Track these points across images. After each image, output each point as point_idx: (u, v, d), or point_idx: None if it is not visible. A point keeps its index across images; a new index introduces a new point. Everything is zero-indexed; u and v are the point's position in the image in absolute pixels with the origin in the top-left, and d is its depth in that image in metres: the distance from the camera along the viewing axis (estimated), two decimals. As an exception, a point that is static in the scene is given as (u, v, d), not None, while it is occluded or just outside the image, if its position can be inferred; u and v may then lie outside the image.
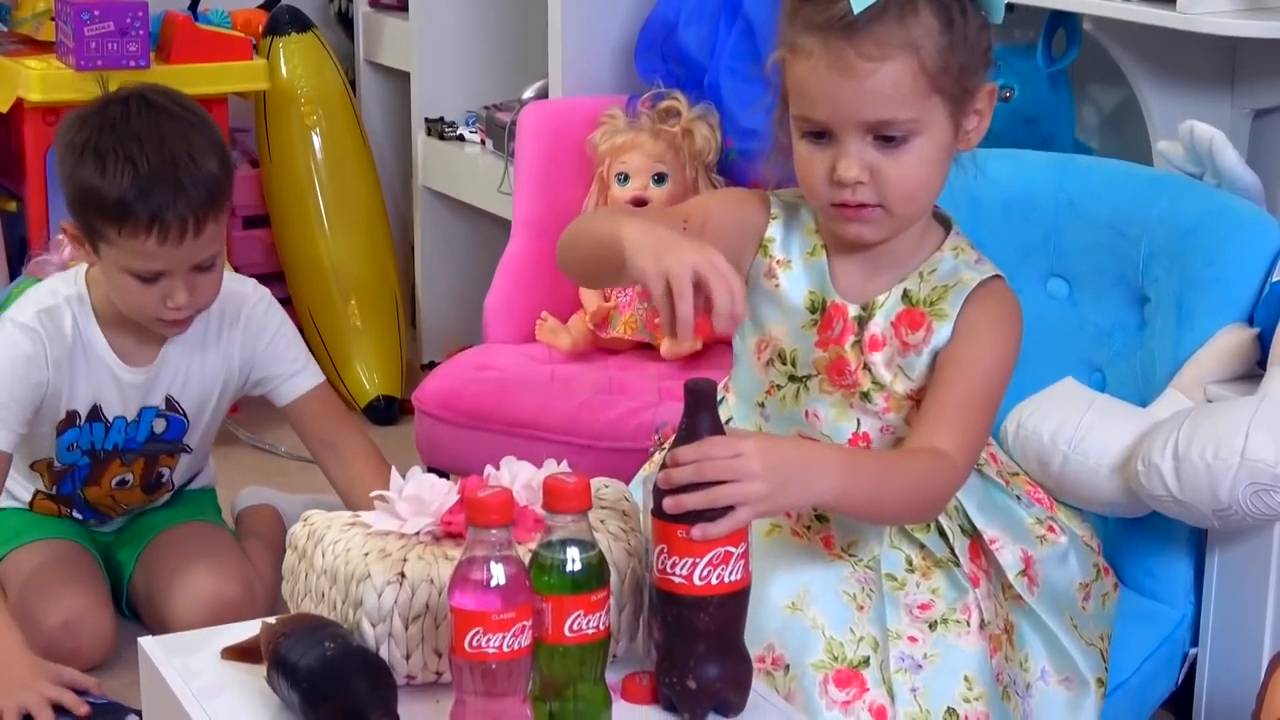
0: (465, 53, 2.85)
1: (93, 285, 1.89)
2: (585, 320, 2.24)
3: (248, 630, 1.31)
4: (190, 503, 2.08)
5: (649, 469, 1.52)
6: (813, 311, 1.42)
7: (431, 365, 2.71)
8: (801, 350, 1.42)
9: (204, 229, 1.79)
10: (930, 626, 1.37)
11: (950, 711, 1.34)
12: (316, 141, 2.86)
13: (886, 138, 1.33)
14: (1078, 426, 1.51)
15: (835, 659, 1.34)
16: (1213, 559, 1.55)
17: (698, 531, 1.19)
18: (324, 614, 1.26)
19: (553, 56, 2.43)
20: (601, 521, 1.28)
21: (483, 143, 2.73)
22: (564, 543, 1.16)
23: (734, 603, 1.21)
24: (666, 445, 1.24)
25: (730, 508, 1.19)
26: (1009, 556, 1.42)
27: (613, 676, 1.22)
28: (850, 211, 1.35)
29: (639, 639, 1.28)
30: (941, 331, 1.38)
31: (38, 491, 1.98)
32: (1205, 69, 1.86)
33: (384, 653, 1.22)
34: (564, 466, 1.28)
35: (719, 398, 1.45)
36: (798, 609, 1.36)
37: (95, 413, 1.90)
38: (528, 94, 2.58)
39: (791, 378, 1.42)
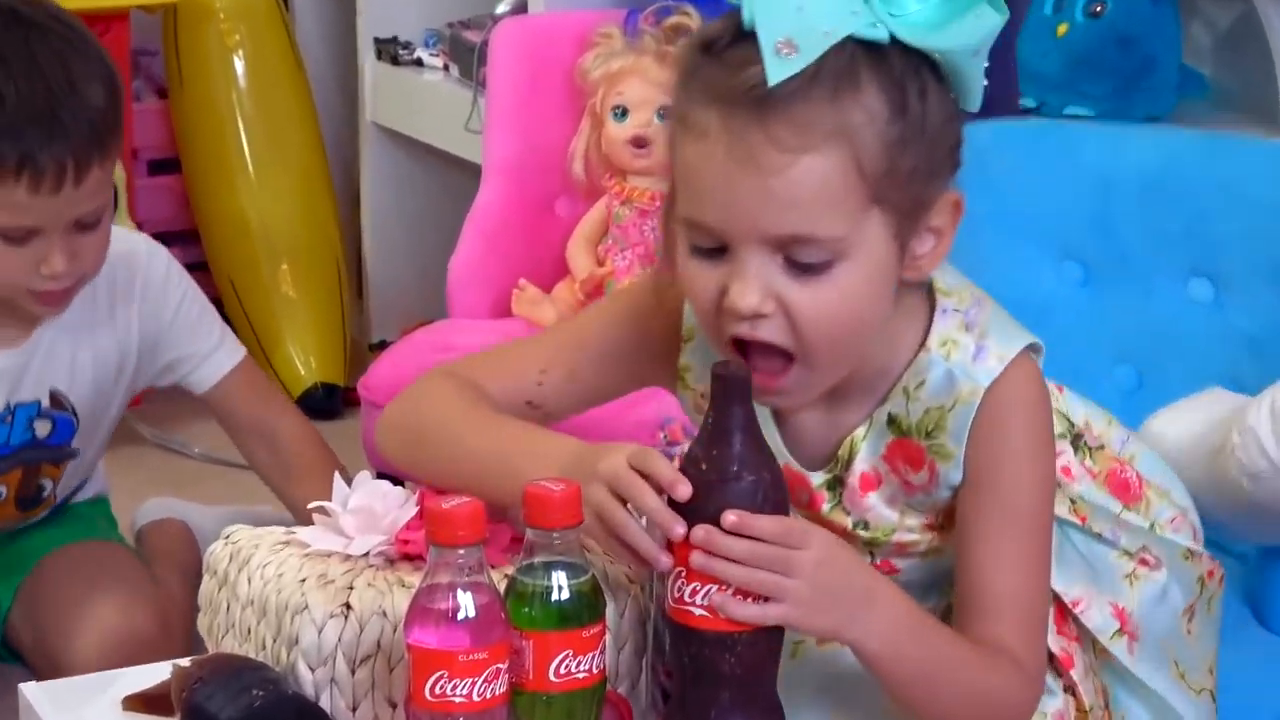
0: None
1: None
2: (574, 289, 2.25)
3: (155, 674, 1.30)
4: (78, 518, 2.07)
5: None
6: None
7: (383, 345, 2.71)
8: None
9: (86, 176, 1.77)
10: None
11: None
12: (239, 66, 2.87)
13: (802, 262, 1.21)
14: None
15: None
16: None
17: (717, 602, 1.17)
18: (250, 654, 1.26)
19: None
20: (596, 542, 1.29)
21: (446, 68, 2.74)
22: (549, 565, 1.16)
23: (767, 640, 1.21)
24: (677, 448, 1.24)
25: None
26: (1098, 618, 1.40)
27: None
28: (753, 357, 1.25)
29: (642, 684, 1.29)
30: (949, 474, 1.31)
31: None
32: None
33: (325, 702, 1.22)
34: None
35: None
36: None
37: None
38: (501, 8, 2.59)
39: None
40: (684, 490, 1.18)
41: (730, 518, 1.17)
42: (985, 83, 1.25)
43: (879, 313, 1.26)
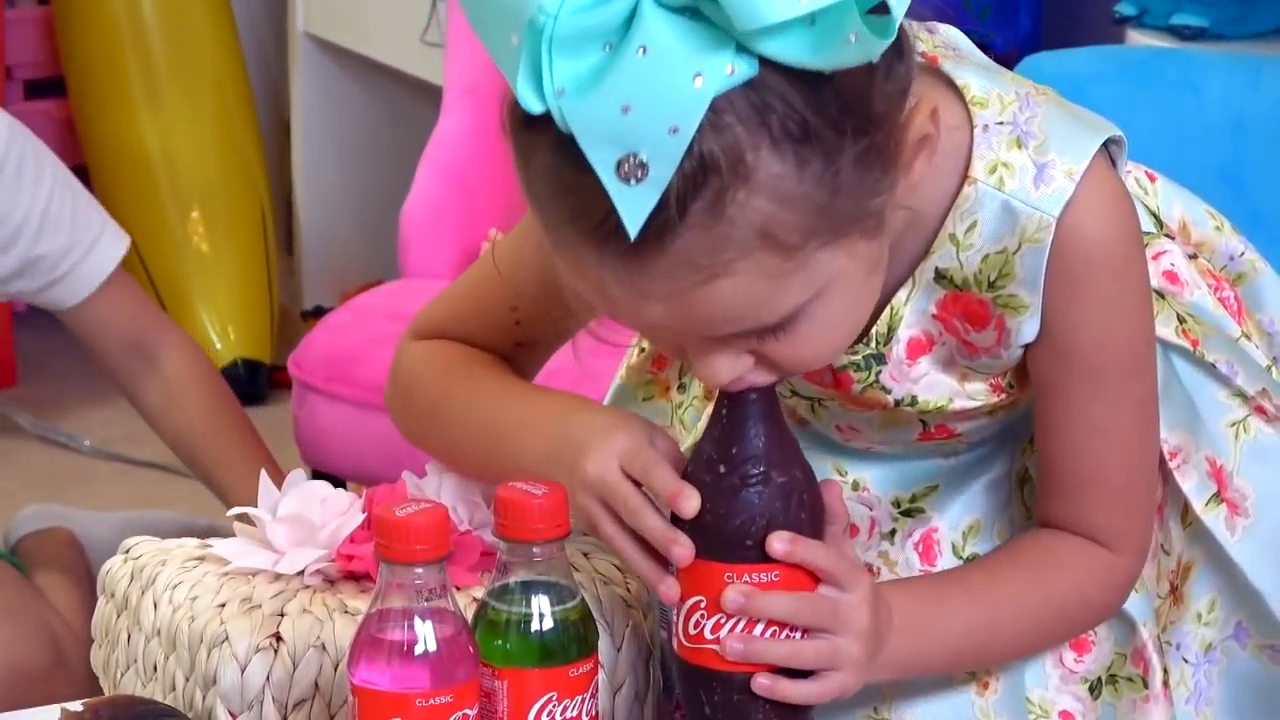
0: None
1: None
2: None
3: (42, 718, 1.32)
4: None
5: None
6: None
7: (319, 313, 2.72)
8: (794, 380, 1.37)
9: None
10: (1091, 691, 1.40)
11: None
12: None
13: (765, 330, 1.21)
14: None
15: None
16: None
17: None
18: (157, 696, 1.28)
19: None
20: (585, 555, 1.30)
21: (397, -33, 2.75)
22: (528, 587, 1.18)
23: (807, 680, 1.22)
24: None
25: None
26: (1194, 477, 1.41)
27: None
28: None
29: (643, 733, 1.32)
30: (1022, 331, 1.31)
31: None
32: None
33: (250, 755, 1.25)
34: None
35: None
36: (882, 718, 1.38)
37: None
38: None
39: (794, 392, 1.38)
40: (690, 505, 1.18)
41: (778, 546, 1.18)
42: None
43: (874, 288, 1.25)
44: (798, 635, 1.20)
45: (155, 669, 1.30)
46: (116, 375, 2.08)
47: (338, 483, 1.38)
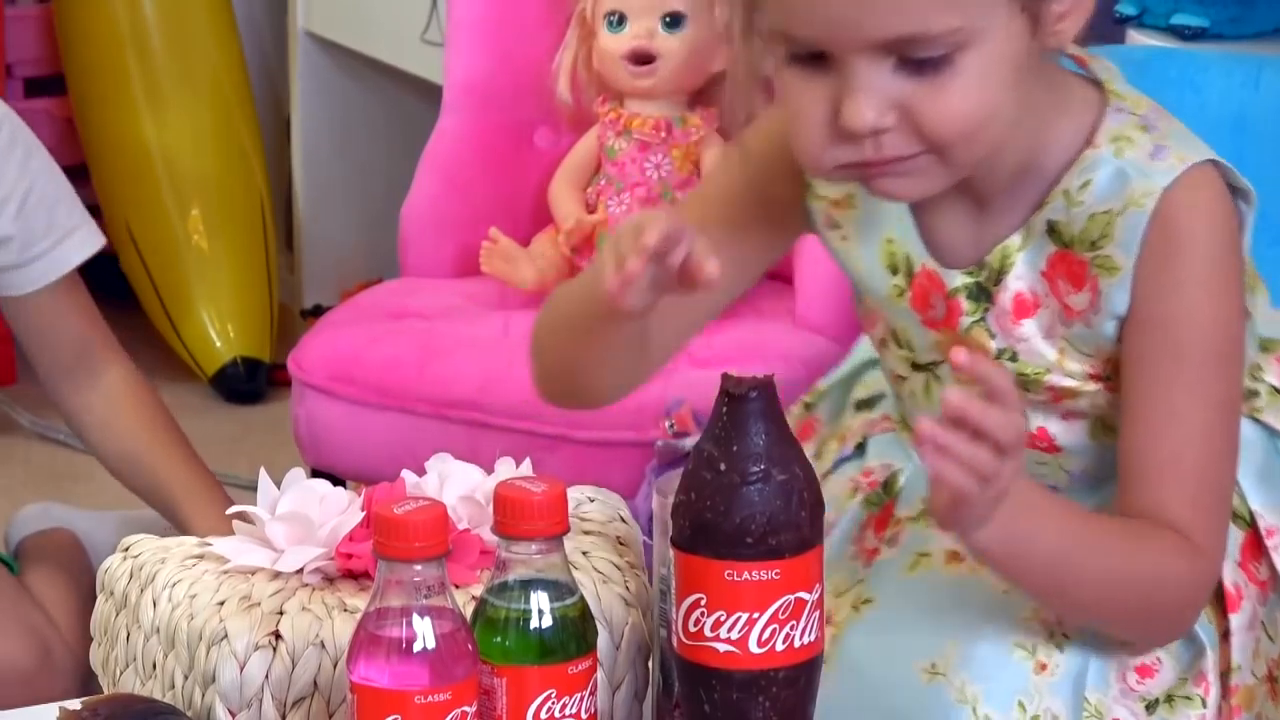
0: None
1: None
2: (559, 242, 2.26)
3: (37, 718, 1.32)
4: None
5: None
6: (893, 271, 1.42)
7: (318, 311, 2.72)
8: (910, 329, 1.42)
9: None
10: (1148, 708, 1.39)
11: None
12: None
13: (918, 59, 1.28)
14: None
15: None
16: None
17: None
18: (156, 694, 1.27)
19: None
20: (584, 553, 1.30)
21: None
22: (527, 585, 1.18)
23: (806, 677, 1.23)
24: (688, 439, 1.25)
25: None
26: None
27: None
28: (874, 169, 1.32)
29: (642, 726, 1.31)
30: (1114, 296, 1.36)
31: None
32: None
33: (250, 753, 1.24)
34: (525, 468, 1.30)
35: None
36: (939, 674, 1.38)
37: None
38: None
39: (915, 365, 1.42)
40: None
41: (953, 402, 1.17)
42: None
43: (1016, 96, 1.31)
44: None
45: (154, 667, 1.29)
46: (50, 374, 2.09)
47: (337, 481, 1.39)
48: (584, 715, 1.19)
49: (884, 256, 1.42)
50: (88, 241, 2.07)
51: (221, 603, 1.26)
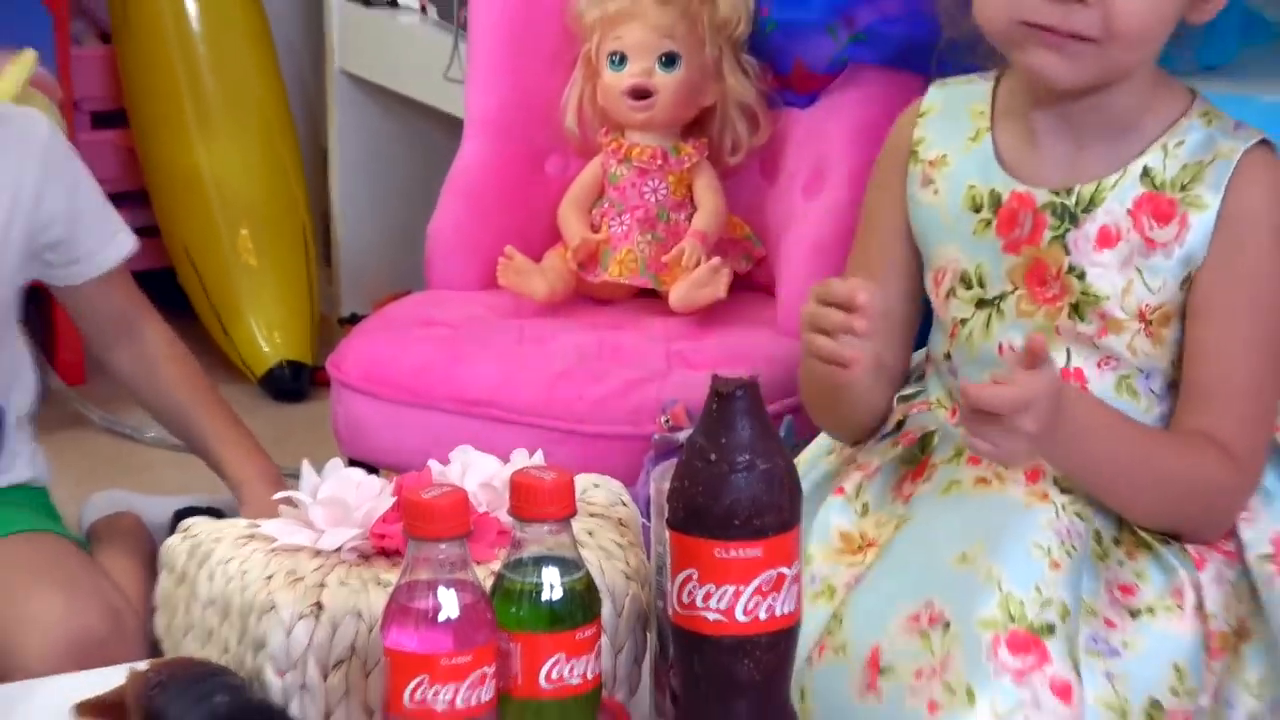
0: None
1: None
2: (567, 258, 2.25)
3: (108, 679, 1.32)
4: (10, 505, 2.08)
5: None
6: (976, 210, 1.48)
7: (354, 320, 2.72)
8: (987, 262, 1.47)
9: None
10: (1133, 614, 1.42)
11: (1154, 704, 1.39)
12: (191, 8, 2.88)
13: None
14: None
15: (1013, 619, 1.38)
16: None
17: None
18: (212, 658, 1.28)
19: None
20: (590, 533, 1.31)
21: (423, 9, 2.75)
22: (539, 561, 1.18)
23: (786, 643, 1.23)
24: (681, 433, 1.26)
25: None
26: (1253, 532, 1.46)
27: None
28: (1052, 37, 1.40)
29: (642, 691, 1.31)
30: (1199, 227, 1.43)
31: None
32: None
33: (295, 710, 1.24)
34: (538, 458, 1.30)
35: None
36: (969, 561, 1.40)
37: None
38: (486, -57, 2.59)
39: (980, 303, 1.47)
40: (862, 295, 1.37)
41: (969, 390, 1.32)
42: None
43: (1165, 33, 1.43)
44: None
45: (210, 634, 1.30)
46: (99, 341, 2.11)
47: (371, 470, 1.39)
48: (589, 676, 1.20)
49: (967, 201, 1.48)
50: (127, 242, 2.07)
51: (270, 577, 1.26)
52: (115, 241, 2.06)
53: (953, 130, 1.51)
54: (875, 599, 1.42)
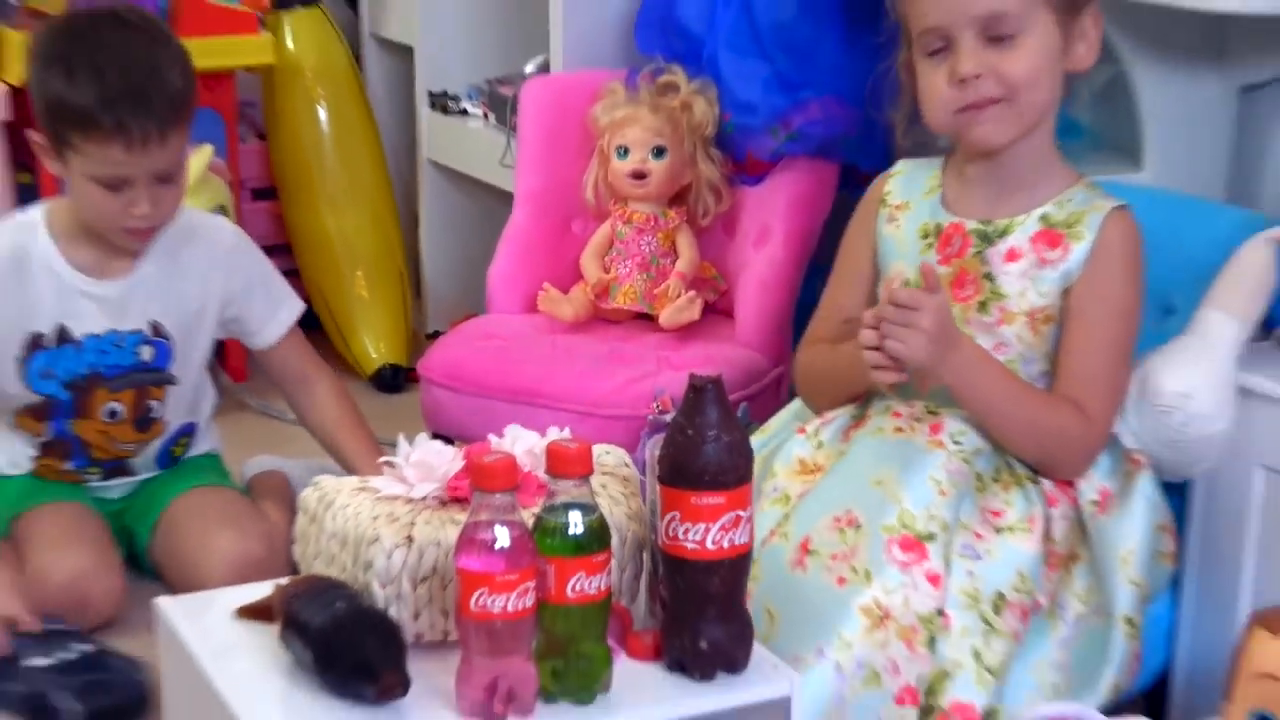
0: (468, 26, 2.85)
1: (52, 209, 1.90)
2: (586, 291, 2.25)
3: (260, 591, 1.32)
4: (196, 469, 2.09)
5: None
6: (925, 237, 1.51)
7: (436, 335, 2.72)
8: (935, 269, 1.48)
9: (168, 139, 1.80)
10: (997, 531, 1.42)
11: (999, 595, 1.39)
12: (323, 115, 2.86)
13: (997, 37, 1.40)
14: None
15: (905, 526, 1.39)
16: (1193, 528, 1.56)
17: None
18: (334, 576, 1.27)
19: (554, 30, 2.42)
20: (603, 486, 1.30)
21: (485, 117, 2.74)
22: (566, 506, 1.18)
23: (742, 565, 1.23)
24: (669, 415, 1.26)
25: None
26: (1086, 484, 1.48)
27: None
28: (975, 111, 1.42)
29: (640, 599, 1.30)
30: (1078, 254, 1.45)
31: (36, 456, 1.99)
32: (1194, 45, 1.86)
33: (393, 613, 1.23)
34: (566, 433, 1.29)
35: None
36: (882, 484, 1.42)
37: (63, 334, 1.88)
38: (529, 68, 2.59)
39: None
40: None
41: (883, 293, 1.40)
42: None
43: (1053, 79, 1.44)
44: None
45: (333, 559, 1.30)
46: (284, 391, 2.09)
47: (448, 441, 1.38)
48: (603, 588, 1.19)
49: (919, 231, 1.51)
50: (293, 310, 2.05)
51: (375, 517, 1.26)
52: (277, 320, 2.02)
53: (914, 187, 1.54)
54: (814, 505, 1.43)
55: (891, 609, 1.35)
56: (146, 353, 1.95)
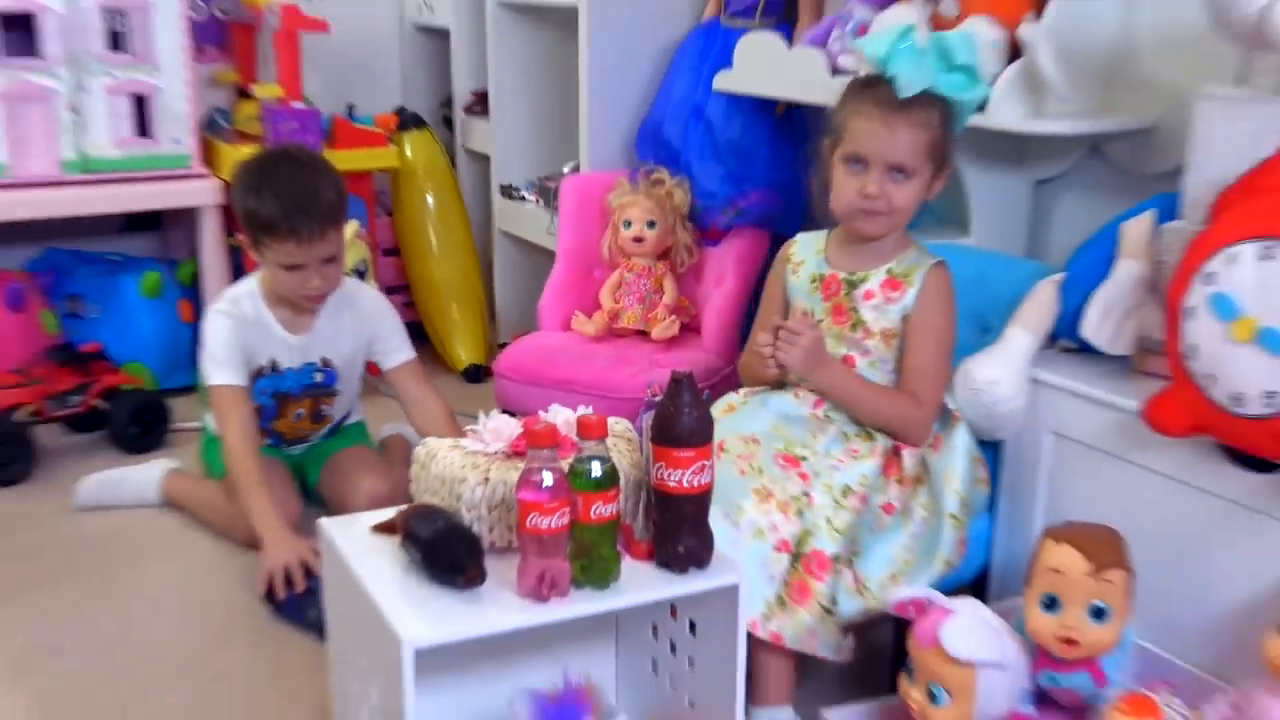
0: (526, 142, 2.84)
1: (261, 283, 1.90)
2: (603, 316, 2.24)
3: (387, 514, 1.31)
4: (350, 434, 2.10)
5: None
6: (814, 282, 1.50)
7: (504, 345, 2.71)
8: (816, 306, 1.49)
9: (326, 235, 1.82)
10: (853, 458, 1.43)
11: (847, 487, 1.40)
12: (429, 200, 2.84)
13: (898, 172, 1.40)
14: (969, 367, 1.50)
15: (786, 448, 1.41)
16: (1004, 472, 1.56)
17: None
18: (437, 504, 1.27)
19: (582, 145, 2.41)
20: (614, 444, 1.30)
21: (537, 201, 2.72)
22: (590, 458, 1.17)
23: (707, 497, 1.22)
24: (658, 400, 1.25)
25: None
26: (915, 445, 1.47)
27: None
28: (866, 214, 1.42)
29: (638, 520, 1.30)
30: (911, 294, 1.44)
31: None
32: (1003, 154, 1.86)
33: (475, 529, 1.23)
34: (589, 410, 1.29)
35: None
36: (778, 428, 1.44)
37: (274, 366, 1.92)
38: (566, 169, 2.58)
39: (812, 326, 1.49)
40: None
41: (777, 320, 1.41)
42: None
43: (915, 206, 1.44)
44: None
45: (435, 493, 1.29)
46: (404, 409, 2.03)
47: (512, 415, 1.37)
48: (614, 513, 1.18)
49: (810, 279, 1.48)
50: (408, 354, 1.99)
51: (463, 465, 1.26)
52: (396, 357, 1.98)
53: (808, 250, 1.51)
54: (729, 424, 1.45)
55: (773, 491, 1.37)
56: (319, 377, 1.97)
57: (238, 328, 1.87)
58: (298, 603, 1.68)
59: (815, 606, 1.33)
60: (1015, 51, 1.63)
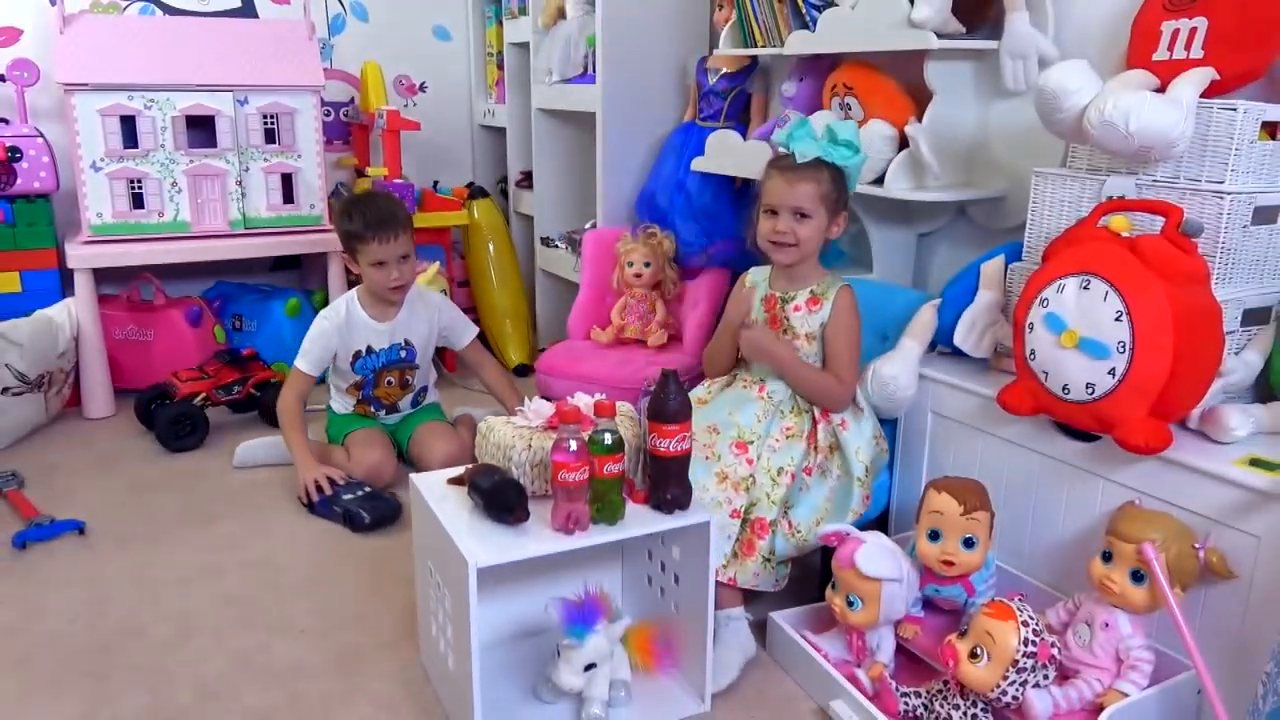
0: (558, 208, 2.80)
1: (358, 293, 1.94)
2: (614, 329, 2.21)
3: (458, 471, 1.30)
4: (428, 412, 2.10)
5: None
6: (762, 300, 1.49)
7: (543, 349, 2.67)
8: (758, 317, 1.48)
9: (399, 238, 1.87)
10: (786, 436, 1.41)
11: (780, 468, 1.39)
12: (490, 248, 2.80)
13: (801, 215, 1.39)
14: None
15: (739, 435, 1.39)
16: (900, 439, 1.54)
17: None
18: (494, 464, 1.25)
19: (599, 207, 2.38)
20: (620, 421, 1.28)
21: (566, 248, 2.69)
22: (603, 431, 1.16)
23: (687, 459, 1.20)
24: (652, 389, 1.23)
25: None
26: (837, 418, 1.46)
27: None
28: (778, 246, 1.42)
29: (638, 475, 1.27)
30: (827, 307, 1.44)
31: (355, 403, 1.99)
32: (894, 214, 1.84)
33: (523, 482, 1.22)
34: (603, 396, 1.27)
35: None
36: (732, 414, 1.42)
37: (369, 349, 1.94)
38: (587, 226, 2.54)
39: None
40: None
41: (740, 327, 1.38)
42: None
43: (821, 239, 1.42)
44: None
45: (493, 456, 1.27)
46: (473, 365, 2.04)
47: (550, 400, 1.35)
48: (621, 470, 1.17)
49: (760, 297, 1.46)
50: (472, 332, 2.02)
51: (514, 435, 1.24)
52: (464, 336, 2.01)
53: (758, 278, 1.49)
54: (701, 424, 1.42)
55: (728, 473, 1.36)
56: (403, 354, 1.97)
57: (331, 329, 1.87)
58: (325, 501, 1.75)
59: (758, 558, 1.35)
60: (904, 142, 1.67)
